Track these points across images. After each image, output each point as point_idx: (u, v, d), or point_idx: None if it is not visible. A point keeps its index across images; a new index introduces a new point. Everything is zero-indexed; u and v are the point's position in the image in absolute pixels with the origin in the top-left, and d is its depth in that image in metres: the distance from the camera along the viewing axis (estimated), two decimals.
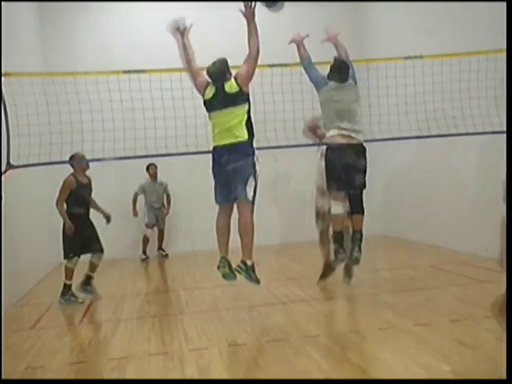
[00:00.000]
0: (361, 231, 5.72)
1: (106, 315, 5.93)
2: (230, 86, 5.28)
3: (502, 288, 2.58)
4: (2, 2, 6.70)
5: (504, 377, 2.61)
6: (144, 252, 9.83)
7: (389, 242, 9.94)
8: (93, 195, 6.83)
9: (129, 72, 6.16)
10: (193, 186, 10.12)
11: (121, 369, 4.16)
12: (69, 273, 6.42)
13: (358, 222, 5.77)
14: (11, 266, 6.26)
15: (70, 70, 7.41)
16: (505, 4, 4.59)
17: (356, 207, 5.80)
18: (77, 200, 6.50)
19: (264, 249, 8.71)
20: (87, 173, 6.73)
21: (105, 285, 7.27)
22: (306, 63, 6.01)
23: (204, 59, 5.80)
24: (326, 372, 3.77)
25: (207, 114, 5.42)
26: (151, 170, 9.86)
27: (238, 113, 5.22)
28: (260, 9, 5.62)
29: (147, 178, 9.92)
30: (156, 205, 9.91)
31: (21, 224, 7.07)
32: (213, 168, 5.36)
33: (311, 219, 6.78)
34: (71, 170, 6.63)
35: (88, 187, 6.73)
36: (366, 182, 5.76)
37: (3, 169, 5.64)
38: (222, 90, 5.28)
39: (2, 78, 5.51)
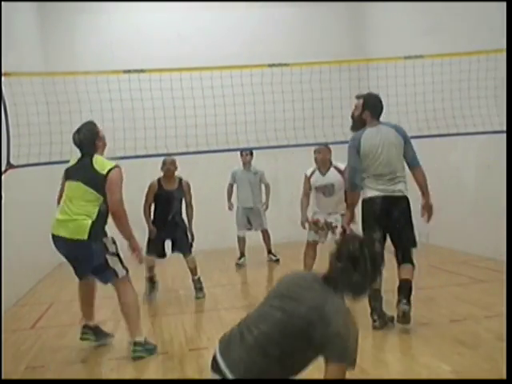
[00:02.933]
0: (408, 281, 4.74)
1: (105, 315, 5.92)
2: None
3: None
4: (2, 2, 6.70)
5: (504, 377, 2.61)
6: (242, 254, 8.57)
7: (388, 242, 9.93)
8: None
9: (129, 72, 6.16)
10: (193, 185, 10.12)
11: (120, 369, 4.16)
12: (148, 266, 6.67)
13: (407, 272, 4.79)
14: (11, 266, 6.25)
15: (69, 69, 7.40)
16: (505, 4, 4.60)
17: (405, 258, 4.86)
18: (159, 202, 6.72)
19: (264, 249, 8.73)
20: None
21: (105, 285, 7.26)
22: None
23: (204, 59, 5.80)
24: None
25: None
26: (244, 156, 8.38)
27: None
28: (260, 9, 5.59)
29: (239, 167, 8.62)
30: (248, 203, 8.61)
31: (21, 223, 7.06)
32: None
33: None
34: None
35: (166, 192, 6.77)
36: None
37: (3, 168, 5.64)
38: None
39: (2, 78, 5.50)
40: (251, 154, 8.33)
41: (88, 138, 4.65)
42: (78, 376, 4.15)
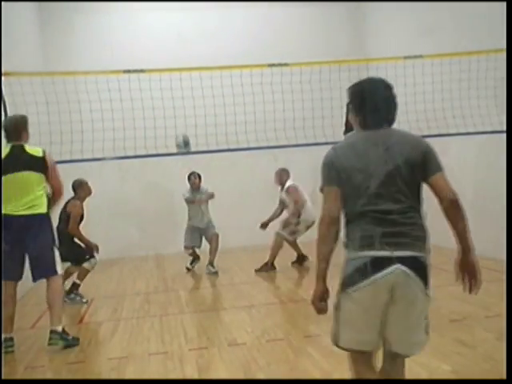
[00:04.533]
0: None
1: (105, 315, 5.92)
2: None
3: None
4: (2, 2, 6.70)
5: (504, 377, 2.61)
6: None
7: None
8: (93, 195, 6.83)
9: (128, 72, 6.16)
10: None
11: (120, 368, 4.16)
12: (83, 274, 6.43)
13: None
14: None
15: (69, 69, 7.41)
16: (505, 4, 4.60)
17: None
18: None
19: (264, 248, 8.72)
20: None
21: (105, 284, 7.28)
22: None
23: (204, 59, 5.80)
24: (326, 372, 3.77)
25: None
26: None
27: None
28: (260, 9, 5.59)
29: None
30: None
31: None
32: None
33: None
34: (71, 169, 6.56)
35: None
36: None
37: None
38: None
39: (2, 78, 5.51)
40: (199, 177, 8.12)
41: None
42: (78, 376, 4.14)
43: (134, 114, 6.96)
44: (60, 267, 4.82)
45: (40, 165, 4.59)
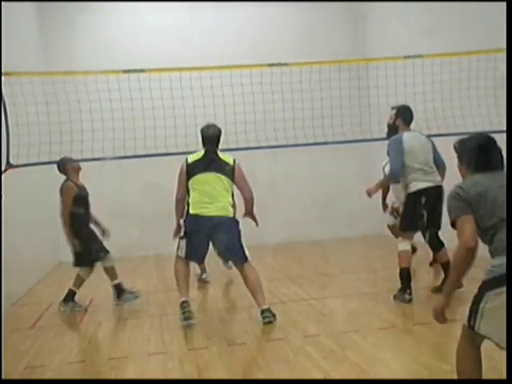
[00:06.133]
0: (449, 261, 5.52)
1: (105, 315, 5.92)
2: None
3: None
4: (2, 2, 6.70)
5: (504, 377, 2.61)
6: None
7: (388, 241, 9.93)
8: (93, 195, 6.77)
9: (128, 71, 6.16)
10: None
11: (120, 368, 4.16)
12: (79, 282, 6.12)
13: (444, 255, 5.81)
14: (11, 266, 6.25)
15: (69, 69, 7.41)
16: (505, 4, 4.60)
17: (438, 244, 5.90)
18: (80, 206, 6.04)
19: (264, 248, 8.73)
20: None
21: (105, 284, 7.26)
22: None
23: (204, 59, 5.80)
24: (325, 371, 3.77)
25: None
26: None
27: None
28: (260, 9, 5.60)
29: None
30: None
31: (21, 223, 7.06)
32: None
33: (311, 219, 6.79)
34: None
35: (85, 190, 6.22)
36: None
37: (3, 168, 5.64)
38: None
39: (2, 78, 5.50)
40: None
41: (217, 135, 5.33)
42: (78, 376, 4.15)
43: (134, 114, 6.96)
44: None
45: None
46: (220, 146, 7.22)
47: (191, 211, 5.18)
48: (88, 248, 6.00)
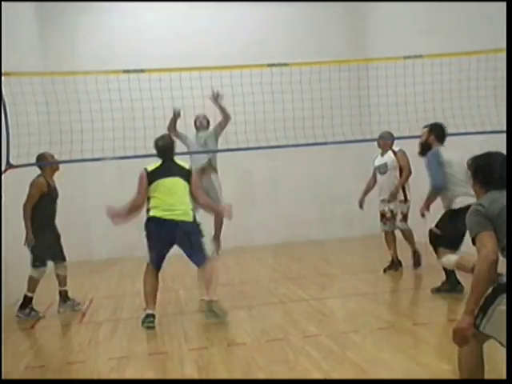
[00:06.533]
0: None
1: (105, 315, 5.92)
2: None
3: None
4: (2, 2, 6.69)
5: (504, 377, 2.61)
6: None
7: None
8: (93, 195, 6.77)
9: (128, 72, 6.16)
10: None
11: (120, 368, 4.16)
12: (33, 284, 5.92)
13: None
14: (11, 265, 6.25)
15: (69, 69, 7.41)
16: (505, 4, 4.60)
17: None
18: (46, 205, 5.94)
19: (264, 249, 8.74)
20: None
21: (105, 284, 7.28)
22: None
23: (204, 59, 5.80)
24: (325, 371, 3.77)
25: None
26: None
27: None
28: (260, 9, 5.60)
29: None
30: None
31: (21, 223, 7.05)
32: None
33: (310, 219, 6.79)
34: (71, 169, 6.55)
35: (56, 191, 6.16)
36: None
37: (3, 168, 5.64)
38: None
39: (2, 78, 5.50)
40: None
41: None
42: (78, 376, 4.14)
43: (134, 114, 6.95)
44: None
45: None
46: (220, 146, 7.26)
47: (153, 214, 5.26)
48: (43, 248, 5.87)
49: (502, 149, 3.15)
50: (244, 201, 9.92)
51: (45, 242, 5.89)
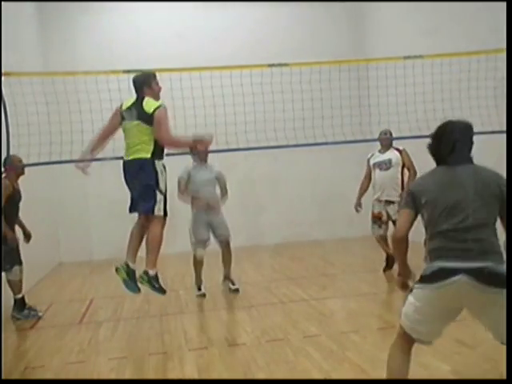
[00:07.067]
0: None
1: (105, 315, 5.93)
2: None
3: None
4: (2, 2, 6.70)
5: (504, 377, 2.61)
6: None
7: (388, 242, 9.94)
8: (93, 195, 6.75)
9: (128, 72, 6.14)
10: None
11: (120, 368, 4.16)
12: (15, 286, 5.77)
13: None
14: None
15: (69, 69, 7.40)
16: (505, 4, 4.60)
17: None
18: (9, 208, 5.70)
19: (264, 249, 8.74)
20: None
21: (105, 285, 7.27)
22: None
23: (204, 59, 5.79)
24: (325, 372, 3.78)
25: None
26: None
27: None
28: (259, 9, 5.59)
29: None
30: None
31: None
32: None
33: (310, 219, 6.79)
34: (71, 169, 6.53)
35: (20, 194, 5.97)
36: None
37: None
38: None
39: (2, 78, 5.50)
40: None
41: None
42: (78, 376, 4.14)
43: None
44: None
45: None
46: (220, 147, 7.21)
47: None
48: (8, 250, 5.65)
49: (502, 149, 3.15)
50: (244, 201, 9.93)
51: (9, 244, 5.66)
